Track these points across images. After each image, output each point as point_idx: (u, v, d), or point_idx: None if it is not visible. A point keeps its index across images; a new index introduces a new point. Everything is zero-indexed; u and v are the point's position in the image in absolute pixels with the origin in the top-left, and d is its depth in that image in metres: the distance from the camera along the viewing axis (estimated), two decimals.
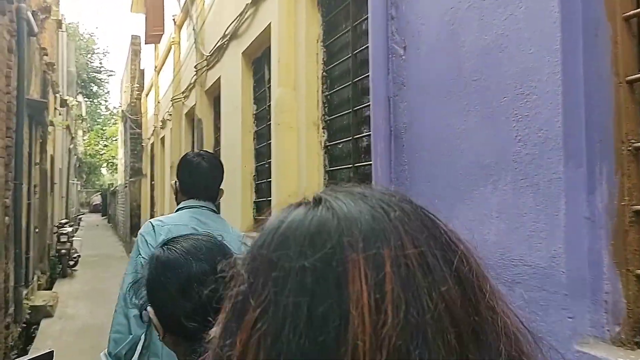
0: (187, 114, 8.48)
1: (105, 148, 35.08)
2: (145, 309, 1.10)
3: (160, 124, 11.61)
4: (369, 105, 3.02)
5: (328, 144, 3.60)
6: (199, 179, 2.37)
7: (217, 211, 2.43)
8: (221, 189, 2.48)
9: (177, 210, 2.38)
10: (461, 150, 2.06)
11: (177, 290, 1.05)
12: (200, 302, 1.01)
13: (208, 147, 7.05)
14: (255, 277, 0.42)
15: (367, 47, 2.81)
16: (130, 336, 2.11)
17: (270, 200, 4.38)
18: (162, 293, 1.07)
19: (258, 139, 5.21)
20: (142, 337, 2.14)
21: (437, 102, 2.23)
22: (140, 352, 2.12)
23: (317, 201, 0.45)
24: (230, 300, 0.45)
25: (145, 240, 2.20)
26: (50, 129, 10.26)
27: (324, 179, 3.61)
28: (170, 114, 9.74)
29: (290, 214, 0.45)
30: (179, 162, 2.46)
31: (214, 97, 7.00)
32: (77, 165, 28.97)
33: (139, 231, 2.29)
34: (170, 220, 2.31)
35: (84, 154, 32.72)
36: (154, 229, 2.23)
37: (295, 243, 0.42)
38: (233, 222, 5.57)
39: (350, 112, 3.29)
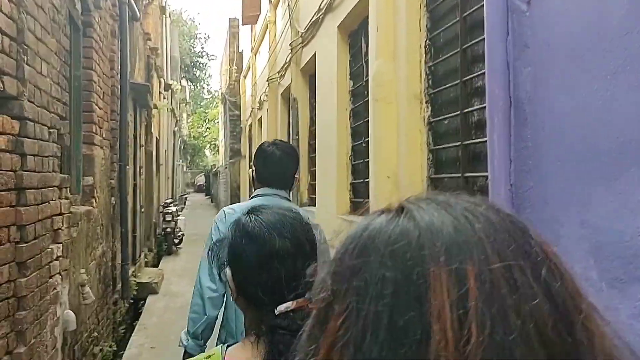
0: (283, 93, 8.39)
1: (207, 130, 36.47)
2: (224, 269, 1.12)
3: (257, 105, 11.68)
4: (481, 74, 2.65)
5: (432, 119, 3.26)
6: (272, 167, 2.45)
7: (289, 199, 2.49)
8: (296, 176, 2.53)
9: (251, 198, 2.49)
10: (605, 124, 1.67)
11: (257, 263, 1.06)
12: (278, 277, 1.03)
13: (303, 126, 6.90)
14: (337, 284, 0.42)
15: (480, 7, 2.44)
16: (205, 316, 2.26)
17: (367, 181, 4.11)
18: (241, 261, 1.08)
19: (354, 117, 4.95)
20: (221, 315, 2.31)
21: (572, 64, 1.84)
22: (219, 332, 2.33)
23: (400, 210, 0.45)
24: (315, 306, 0.45)
25: (218, 228, 2.33)
26: (154, 112, 10.62)
27: (427, 158, 3.28)
28: (267, 95, 9.73)
29: (373, 221, 0.45)
30: (255, 151, 2.54)
31: (309, 75, 6.81)
32: (182, 147, 30.33)
33: (214, 218, 2.43)
34: (241, 208, 2.38)
35: (188, 136, 34.21)
36: (225, 216, 2.36)
37: (375, 252, 0.41)
38: (328, 205, 5.39)
39: (458, 83, 2.93)
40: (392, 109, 3.51)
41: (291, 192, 2.58)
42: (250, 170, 2.59)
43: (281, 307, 1.01)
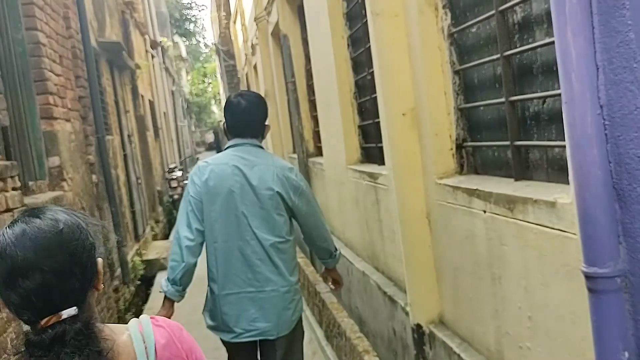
0: (273, 33, 7.47)
1: (209, 85, 35.42)
2: None
3: (250, 50, 10.75)
4: None
5: (454, 29, 2.42)
6: (240, 118, 2.59)
7: (261, 146, 2.65)
8: (267, 125, 2.68)
9: (225, 149, 2.65)
10: None
11: (2, 281, 1.00)
12: (27, 294, 0.99)
13: (298, 66, 6.04)
14: None
15: None
16: (183, 263, 2.48)
17: (378, 122, 3.30)
18: None
19: (353, 45, 4.09)
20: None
21: None
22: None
23: None
24: None
25: (193, 180, 2.57)
26: (138, 72, 9.75)
27: (453, 82, 2.46)
28: (257, 38, 8.79)
29: None
30: (224, 105, 2.70)
31: (297, 5, 5.89)
32: (186, 107, 29.43)
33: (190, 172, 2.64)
34: (215, 160, 2.63)
35: (190, 94, 33.25)
36: (199, 169, 2.59)
37: None
38: (336, 154, 4.61)
39: None
40: (399, 23, 2.66)
41: (264, 140, 2.71)
42: (222, 122, 2.77)
43: (41, 323, 0.99)
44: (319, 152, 5.83)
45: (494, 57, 2.11)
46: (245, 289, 2.56)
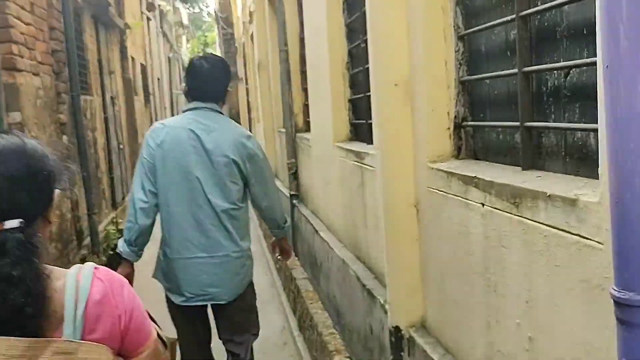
0: None
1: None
2: None
3: (248, 18, 10.28)
4: None
5: None
6: (202, 81, 2.57)
7: (221, 112, 2.64)
8: (229, 90, 2.71)
9: (183, 112, 2.67)
10: None
11: None
12: None
13: (292, 34, 5.64)
14: None
15: None
16: (137, 225, 2.53)
17: (369, 96, 2.93)
18: None
19: (348, 11, 3.69)
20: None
21: None
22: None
23: None
24: None
25: (147, 142, 2.59)
26: (131, 33, 9.29)
27: (456, 50, 2.08)
28: (255, 2, 8.34)
29: None
30: (186, 67, 2.73)
31: None
32: (184, 75, 28.84)
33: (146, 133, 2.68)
34: (171, 122, 2.68)
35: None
36: (154, 131, 2.60)
37: None
38: (324, 130, 4.23)
39: None
40: None
41: (224, 105, 2.71)
42: (183, 85, 2.78)
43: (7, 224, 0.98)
44: (308, 127, 5.45)
45: (508, 18, 1.73)
46: (197, 254, 2.57)
